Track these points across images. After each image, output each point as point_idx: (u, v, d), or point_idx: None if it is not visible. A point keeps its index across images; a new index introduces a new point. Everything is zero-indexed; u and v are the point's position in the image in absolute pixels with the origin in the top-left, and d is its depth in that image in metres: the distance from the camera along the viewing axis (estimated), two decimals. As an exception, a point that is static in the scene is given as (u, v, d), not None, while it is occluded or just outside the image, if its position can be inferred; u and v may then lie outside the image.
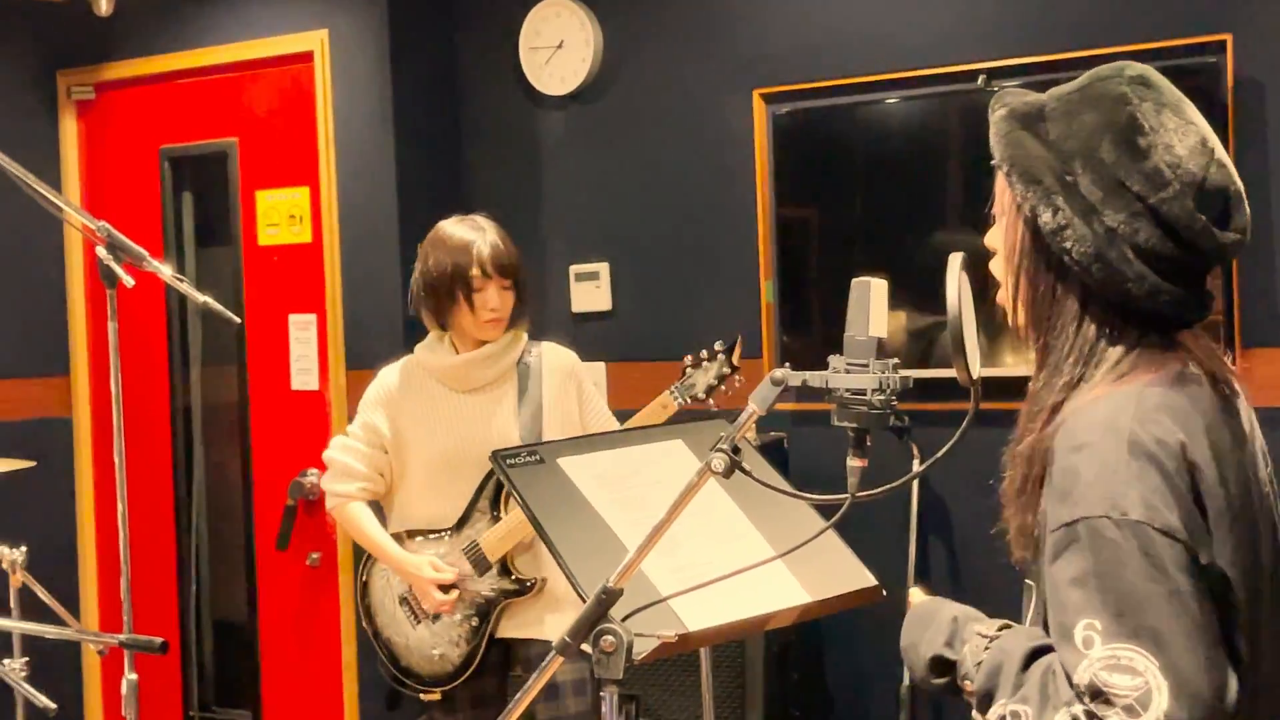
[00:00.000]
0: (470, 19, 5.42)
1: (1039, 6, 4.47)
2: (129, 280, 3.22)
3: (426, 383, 3.89)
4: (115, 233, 3.26)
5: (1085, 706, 1.69)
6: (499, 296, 3.82)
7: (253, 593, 5.66)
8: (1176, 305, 1.87)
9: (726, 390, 3.87)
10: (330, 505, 3.96)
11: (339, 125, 5.32)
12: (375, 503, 3.97)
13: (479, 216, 3.92)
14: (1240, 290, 4.19)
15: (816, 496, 2.18)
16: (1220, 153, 1.89)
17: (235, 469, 5.73)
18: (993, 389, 1.96)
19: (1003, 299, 1.99)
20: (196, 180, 5.84)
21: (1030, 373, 1.96)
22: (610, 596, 2.09)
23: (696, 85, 5.01)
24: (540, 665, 2.14)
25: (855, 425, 2.00)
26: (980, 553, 4.52)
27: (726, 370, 3.86)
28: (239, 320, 3.72)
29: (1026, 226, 1.92)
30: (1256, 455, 1.92)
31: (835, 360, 2.02)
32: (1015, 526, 1.91)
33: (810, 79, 4.79)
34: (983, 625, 1.94)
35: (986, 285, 2.01)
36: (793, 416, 4.73)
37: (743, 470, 2.03)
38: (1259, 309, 4.19)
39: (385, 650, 3.93)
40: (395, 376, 3.93)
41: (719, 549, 2.44)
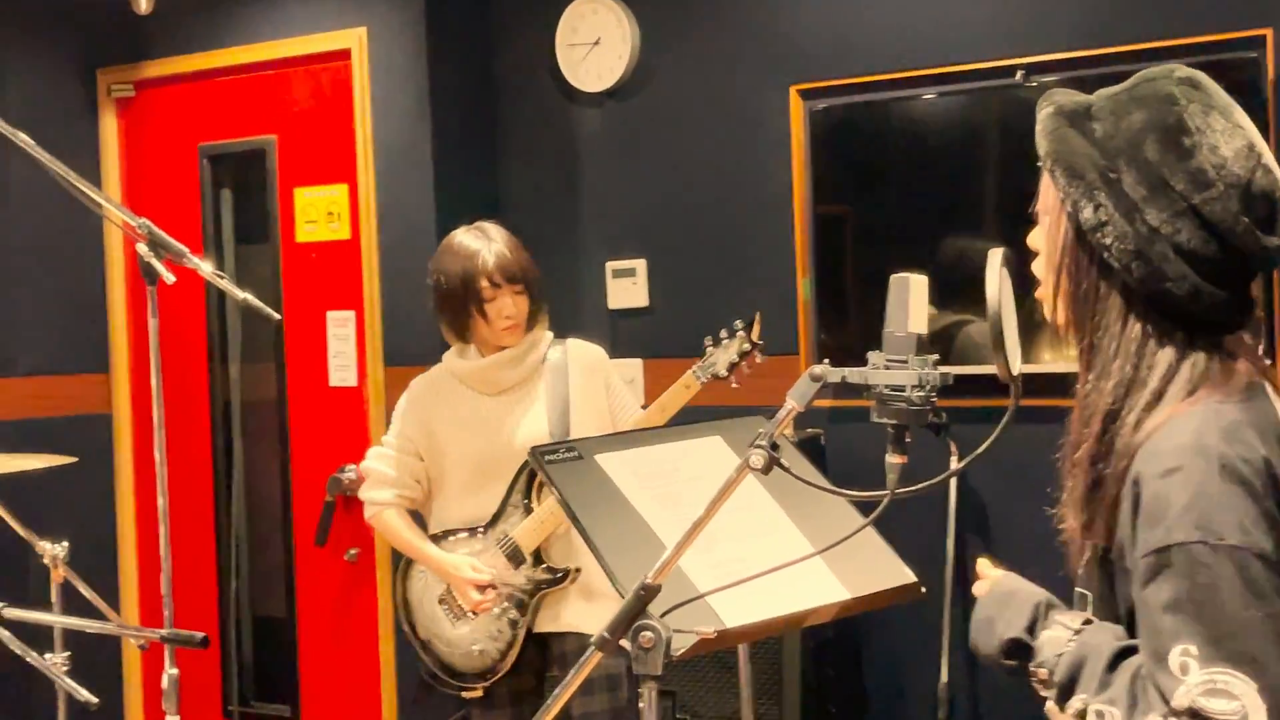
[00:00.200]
0: (507, 16, 5.43)
1: (1078, 1, 4.45)
2: (169, 277, 3.22)
3: (456, 388, 3.94)
4: (156, 230, 3.26)
5: None
6: (513, 303, 3.85)
7: (291, 588, 5.68)
8: (1218, 308, 1.85)
9: (747, 367, 3.85)
10: (369, 515, 4.00)
11: (377, 122, 5.34)
12: (415, 512, 4.01)
13: (487, 224, 3.95)
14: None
15: (856, 493, 2.17)
16: (1269, 158, 1.87)
17: (274, 465, 5.75)
18: (1030, 385, 1.96)
19: (1043, 296, 1.98)
20: (235, 177, 5.87)
21: (1068, 369, 1.95)
22: (649, 592, 2.09)
23: (733, 82, 5.01)
24: (578, 661, 2.15)
25: (895, 422, 1.99)
26: (1018, 549, 4.49)
27: (747, 347, 3.84)
28: (278, 316, 3.74)
29: (1069, 223, 1.91)
30: None
31: (874, 356, 2.02)
32: (1075, 537, 1.90)
33: (847, 75, 4.78)
34: (1066, 617, 1.94)
35: (1027, 282, 2.00)
36: (829, 413, 4.72)
37: (781, 466, 2.03)
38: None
39: (426, 650, 3.96)
40: (426, 384, 3.99)
41: (757, 545, 2.44)
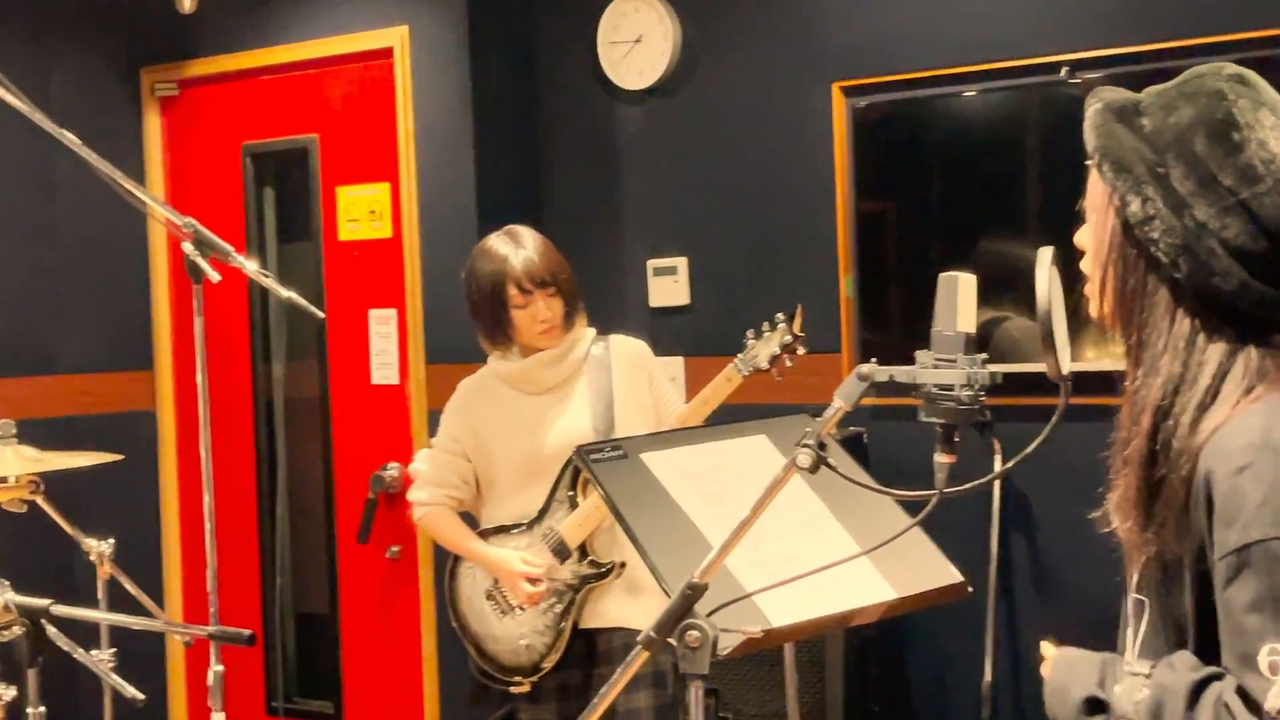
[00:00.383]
0: (549, 14, 5.43)
1: (1123, -3, 4.43)
2: (215, 276, 3.23)
3: (501, 389, 3.97)
4: (201, 229, 3.27)
5: None
6: (546, 306, 3.87)
7: (334, 585, 5.70)
8: (1267, 304, 1.84)
9: (789, 360, 3.84)
10: (417, 516, 4.03)
11: (419, 121, 5.35)
12: (466, 513, 4.03)
13: (518, 227, 3.97)
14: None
15: (903, 493, 2.17)
16: None
17: (316, 463, 5.77)
18: (1074, 383, 1.94)
19: (1090, 292, 1.97)
20: (278, 176, 5.89)
21: (1112, 367, 1.94)
22: (695, 592, 2.09)
23: (775, 79, 4.99)
24: (625, 659, 2.15)
25: (943, 421, 1.99)
26: (1063, 549, 4.48)
27: (788, 339, 3.83)
28: (322, 315, 3.76)
29: (1117, 217, 1.90)
30: None
31: (923, 355, 2.02)
32: (1130, 539, 1.88)
33: (890, 72, 4.76)
34: (1135, 665, 1.90)
35: (1073, 280, 1.99)
36: (872, 411, 4.70)
37: (829, 466, 2.03)
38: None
39: (474, 645, 3.98)
40: (472, 386, 4.02)
41: (803, 544, 2.44)
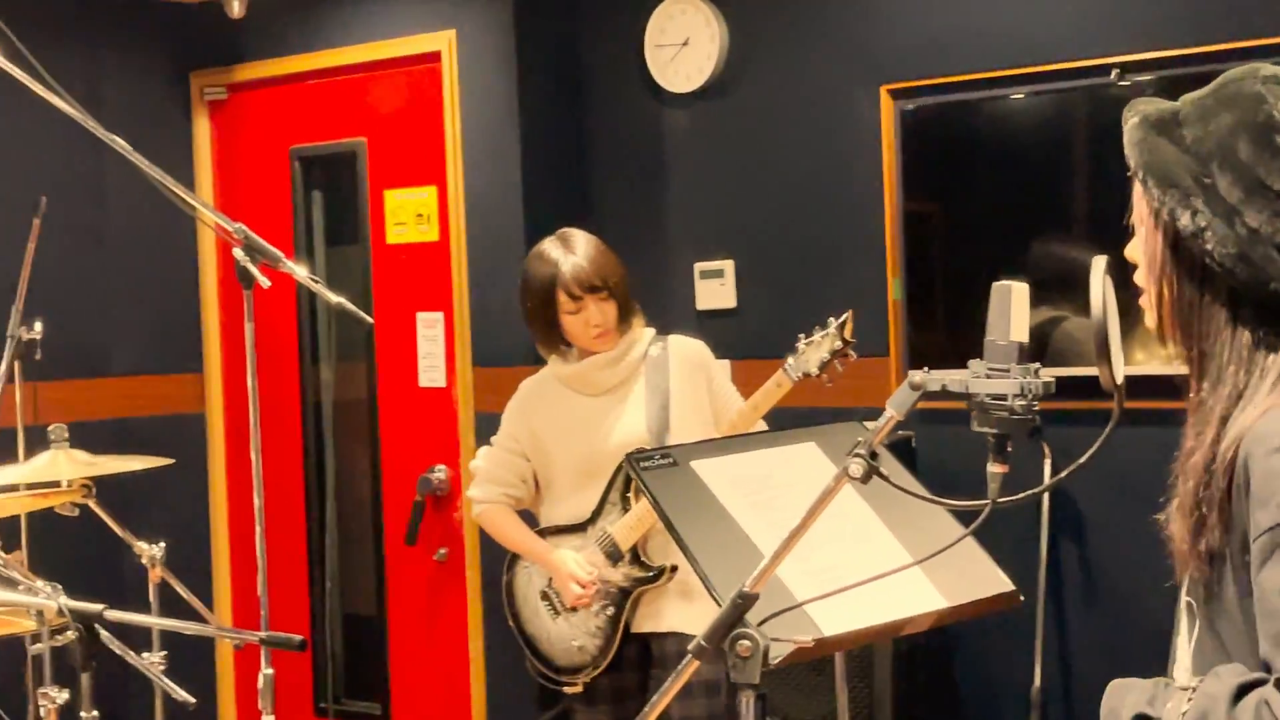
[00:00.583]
0: (596, 17, 5.43)
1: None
2: (265, 281, 3.23)
3: (559, 391, 3.99)
4: (252, 234, 3.27)
5: None
6: (598, 310, 3.87)
7: (382, 587, 5.72)
8: None
9: (840, 365, 3.79)
10: (475, 512, 4.06)
11: (466, 124, 5.36)
12: (525, 512, 4.06)
13: (572, 230, 3.97)
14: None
15: (956, 503, 2.15)
16: None
17: (364, 465, 5.79)
18: (1126, 388, 1.93)
19: (1147, 305, 1.95)
20: (326, 180, 5.91)
21: (1161, 371, 1.92)
22: (746, 601, 2.08)
23: (823, 81, 4.98)
24: (678, 667, 2.15)
25: (996, 431, 1.97)
26: (1113, 554, 4.45)
27: (839, 344, 3.77)
28: (371, 321, 3.76)
29: (1165, 232, 1.88)
30: None
31: (975, 364, 2.00)
32: (1183, 543, 1.86)
33: (938, 74, 4.74)
34: (1182, 681, 1.88)
35: (1129, 289, 1.98)
36: (920, 415, 4.68)
37: (881, 475, 2.01)
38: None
39: (529, 644, 4.01)
40: (532, 387, 4.05)
41: (854, 553, 2.43)
